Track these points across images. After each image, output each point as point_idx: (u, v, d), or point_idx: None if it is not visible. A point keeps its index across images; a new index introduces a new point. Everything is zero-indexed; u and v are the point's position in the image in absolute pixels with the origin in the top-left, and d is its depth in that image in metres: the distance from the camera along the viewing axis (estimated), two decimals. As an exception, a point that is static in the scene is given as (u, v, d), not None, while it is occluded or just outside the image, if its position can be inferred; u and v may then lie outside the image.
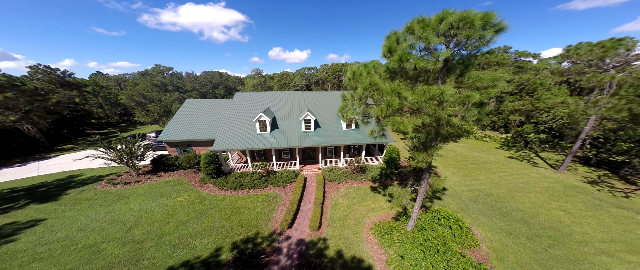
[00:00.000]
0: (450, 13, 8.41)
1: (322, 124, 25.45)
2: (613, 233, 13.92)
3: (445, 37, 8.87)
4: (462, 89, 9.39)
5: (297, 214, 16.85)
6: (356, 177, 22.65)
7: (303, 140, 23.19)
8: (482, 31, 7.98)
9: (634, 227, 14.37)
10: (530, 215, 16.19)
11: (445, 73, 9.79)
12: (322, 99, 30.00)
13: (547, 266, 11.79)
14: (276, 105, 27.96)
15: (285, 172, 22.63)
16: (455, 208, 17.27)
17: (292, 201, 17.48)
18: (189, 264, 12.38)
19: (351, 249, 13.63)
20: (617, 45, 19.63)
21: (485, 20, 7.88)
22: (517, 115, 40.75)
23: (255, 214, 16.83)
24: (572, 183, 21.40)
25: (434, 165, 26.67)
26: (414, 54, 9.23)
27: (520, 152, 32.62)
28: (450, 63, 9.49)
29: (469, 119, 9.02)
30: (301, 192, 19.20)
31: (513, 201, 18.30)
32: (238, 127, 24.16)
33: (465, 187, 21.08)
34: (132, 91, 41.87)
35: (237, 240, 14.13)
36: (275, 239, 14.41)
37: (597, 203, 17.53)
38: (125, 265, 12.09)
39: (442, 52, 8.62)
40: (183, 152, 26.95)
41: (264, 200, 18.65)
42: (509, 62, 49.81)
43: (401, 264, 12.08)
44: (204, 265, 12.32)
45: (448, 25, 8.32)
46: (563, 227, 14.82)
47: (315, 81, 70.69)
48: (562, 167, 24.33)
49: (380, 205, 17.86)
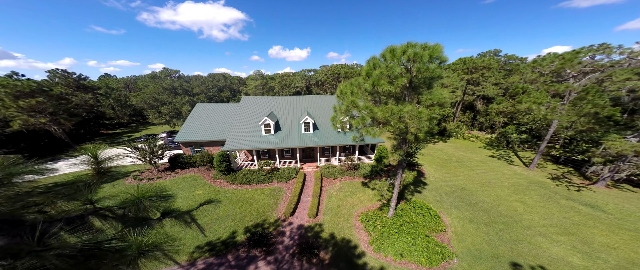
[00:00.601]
0: (412, 45, 11.40)
1: (320, 126, 28.44)
2: (554, 219, 16.97)
3: (406, 68, 11.86)
4: (420, 106, 12.37)
5: (298, 204, 19.93)
6: (350, 173, 25.70)
7: (303, 141, 26.21)
8: (429, 64, 10.96)
9: (573, 215, 17.41)
10: (492, 206, 19.25)
11: (410, 91, 12.75)
12: (320, 103, 32.94)
13: (494, 245, 14.86)
14: (279, 109, 30.94)
15: (287, 169, 25.70)
16: (431, 200, 20.32)
17: (294, 194, 20.56)
18: (212, 244, 15.50)
19: (342, 232, 16.71)
20: (574, 57, 22.48)
21: (430, 55, 10.88)
22: (501, 116, 43.63)
23: (262, 204, 19.92)
24: (537, 179, 24.43)
25: (420, 162, 29.67)
26: (383, 80, 12.22)
27: (501, 151, 35.60)
28: (414, 84, 12.48)
29: (422, 129, 12.01)
30: (301, 187, 22.28)
31: (482, 194, 21.35)
32: (245, 130, 27.19)
33: (444, 182, 24.12)
34: (145, 94, 44.93)
35: (248, 225, 17.24)
36: (280, 225, 17.51)
37: (551, 196, 20.58)
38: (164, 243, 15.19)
39: (400, 79, 11.59)
40: (196, 151, 30.02)
41: (269, 193, 21.75)
42: (496, 66, 52.55)
43: (379, 242, 15.18)
44: (224, 245, 15.43)
45: (407, 57, 11.31)
46: (516, 215, 17.88)
47: (315, 83, 73.57)
48: (532, 165, 27.34)
49: (369, 198, 20.91)
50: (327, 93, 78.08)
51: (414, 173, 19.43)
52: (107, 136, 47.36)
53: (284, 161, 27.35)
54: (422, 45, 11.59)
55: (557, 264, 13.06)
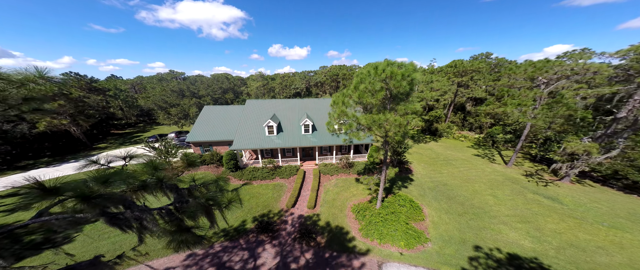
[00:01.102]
0: (391, 63, 14.05)
1: (318, 127, 31.07)
2: (518, 210, 19.69)
3: (385, 83, 14.48)
4: (396, 114, 15.01)
5: (298, 197, 22.64)
6: (345, 171, 28.38)
7: (303, 141, 28.87)
8: (402, 81, 13.59)
9: (534, 206, 20.12)
10: (467, 199, 21.96)
11: (390, 101, 15.38)
12: (318, 105, 35.53)
13: (463, 231, 17.58)
14: (280, 112, 33.56)
15: (288, 167, 28.38)
16: (415, 194, 23.02)
17: (294, 189, 23.26)
18: (226, 230, 18.20)
19: (336, 221, 19.42)
20: (544, 65, 25.06)
21: (403, 74, 13.52)
22: (488, 118, 46.26)
23: (267, 198, 22.63)
24: (512, 175, 27.14)
25: (410, 161, 32.36)
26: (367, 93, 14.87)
27: (486, 150, 38.29)
28: (392, 96, 15.11)
29: (398, 134, 14.65)
30: (301, 182, 24.98)
31: (460, 189, 24.05)
32: (250, 131, 29.83)
33: (429, 178, 26.83)
34: (154, 96, 47.56)
35: (256, 215, 19.94)
36: (283, 215, 20.22)
37: (520, 190, 23.30)
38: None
39: (380, 93, 14.21)
40: (205, 150, 32.71)
41: (273, 188, 24.45)
42: (487, 69, 55.05)
43: (367, 229, 17.90)
44: (236, 231, 18.14)
45: (385, 75, 13.94)
46: (487, 207, 20.59)
47: (315, 84, 76.14)
48: (510, 163, 30.04)
49: (360, 192, 23.60)
50: (327, 93, 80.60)
51: (396, 169, 22.00)
52: (118, 136, 49.99)
53: (286, 159, 30.04)
54: (398, 64, 14.29)
55: (511, 246, 15.79)
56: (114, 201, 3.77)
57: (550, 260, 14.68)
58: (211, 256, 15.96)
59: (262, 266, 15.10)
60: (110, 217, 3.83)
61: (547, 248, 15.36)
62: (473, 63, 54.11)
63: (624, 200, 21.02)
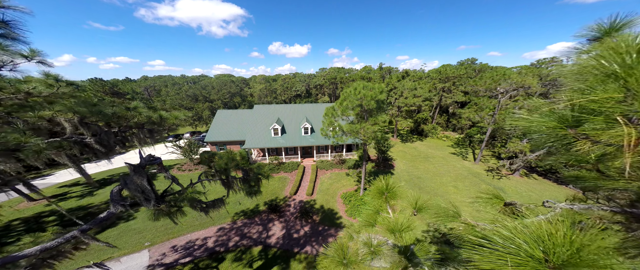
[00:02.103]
0: (365, 85, 19.32)
1: (316, 129, 36.35)
2: (470, 197, 25.09)
3: (360, 100, 19.75)
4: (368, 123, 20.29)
5: (299, 187, 28.03)
6: (338, 166, 33.74)
7: (302, 141, 34.18)
8: (371, 101, 18.87)
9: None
10: (433, 189, 27.32)
11: (367, 114, 20.66)
12: (316, 110, 40.78)
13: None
14: (284, 116, 38.83)
15: (291, 163, 33.75)
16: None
17: (296, 180, 28.64)
18: (244, 211, 23.61)
19: (328, 204, 24.80)
20: (501, 77, 30.16)
21: (371, 96, 18.82)
22: (467, 119, 51.45)
23: (274, 187, 28.03)
24: (476, 171, 32.48)
25: (394, 158, 37.67)
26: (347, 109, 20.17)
27: (462, 149, 43.59)
28: (366, 111, 20.39)
29: (370, 138, 19.91)
30: (301, 175, 30.35)
31: (430, 182, 29.41)
32: (259, 132, 35.16)
33: (407, 173, 32.18)
34: (172, 100, 52.93)
35: (266, 200, 25.34)
36: (287, 200, 25.61)
37: (478, 182, 28.65)
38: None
39: (356, 108, 19.48)
40: (220, 149, 38.10)
41: (278, 180, 29.85)
42: (471, 74, 60.14)
43: (351, 210, 23.33)
44: (252, 212, 23.53)
45: (359, 96, 19.24)
46: (447, 195, 25.96)
47: (314, 86, 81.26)
48: (477, 160, 35.36)
49: (350, 184, 28.95)
50: (325, 95, 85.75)
51: (371, 163, 27.25)
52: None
53: (288, 157, 35.41)
54: (370, 86, 19.53)
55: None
56: (227, 171, 9.07)
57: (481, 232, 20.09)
58: (235, 229, 21.41)
59: (272, 236, 20.52)
60: (223, 182, 9.13)
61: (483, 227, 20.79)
62: (459, 68, 59.20)
63: (553, 190, 26.35)
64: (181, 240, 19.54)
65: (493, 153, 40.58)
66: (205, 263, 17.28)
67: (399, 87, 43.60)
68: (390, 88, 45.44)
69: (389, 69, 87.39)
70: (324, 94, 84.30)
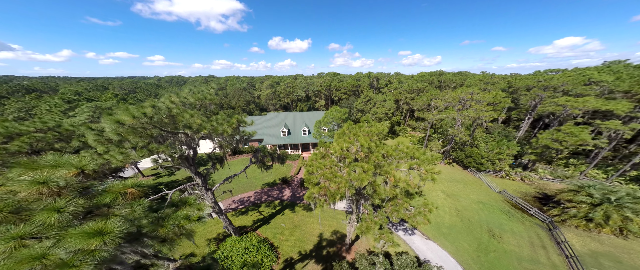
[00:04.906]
0: (337, 109, 33.82)
1: (312, 131, 50.59)
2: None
3: (335, 117, 34.09)
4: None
5: (299, 170, 42.42)
6: (327, 157, 48.17)
7: (302, 140, 48.44)
8: (339, 119, 33.24)
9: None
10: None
11: (337, 125, 35.01)
12: (312, 117, 54.83)
13: (375, 182, 37.52)
14: (289, 121, 52.99)
15: (294, 155, 48.06)
16: (361, 169, 42.89)
17: (297, 166, 42.94)
18: (268, 183, 38.07)
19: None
20: (438, 95, 44.25)
21: (340, 117, 33.24)
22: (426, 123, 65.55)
23: (283, 170, 42.34)
24: (420, 160, 46.84)
25: (367, 152, 52.01)
26: (327, 123, 34.53)
27: (420, 144, 57.93)
28: (338, 124, 34.76)
29: None
30: (301, 164, 44.75)
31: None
32: (272, 133, 49.39)
33: (373, 161, 46.56)
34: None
35: (279, 177, 39.71)
36: (293, 177, 39.94)
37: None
38: (246, 182, 37.92)
39: (332, 123, 33.87)
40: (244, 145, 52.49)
41: (286, 166, 44.22)
42: (436, 84, 74.06)
43: (332, 182, 37.92)
44: (272, 183, 37.99)
45: (334, 115, 33.64)
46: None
47: (313, 92, 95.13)
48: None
49: (333, 168, 43.37)
50: (322, 99, 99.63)
51: None
52: (174, 133, 69.69)
53: (292, 150, 49.76)
54: (338, 110, 33.98)
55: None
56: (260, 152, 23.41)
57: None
58: (262, 192, 35.87)
59: (284, 195, 34.95)
60: (257, 159, 23.38)
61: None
62: (422, 81, 72.92)
63: (456, 172, 40.64)
64: (237, 197, 34.10)
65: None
66: (252, 207, 31.87)
67: (374, 98, 57.71)
68: (368, 99, 59.54)
69: (377, 76, 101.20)
70: (321, 98, 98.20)
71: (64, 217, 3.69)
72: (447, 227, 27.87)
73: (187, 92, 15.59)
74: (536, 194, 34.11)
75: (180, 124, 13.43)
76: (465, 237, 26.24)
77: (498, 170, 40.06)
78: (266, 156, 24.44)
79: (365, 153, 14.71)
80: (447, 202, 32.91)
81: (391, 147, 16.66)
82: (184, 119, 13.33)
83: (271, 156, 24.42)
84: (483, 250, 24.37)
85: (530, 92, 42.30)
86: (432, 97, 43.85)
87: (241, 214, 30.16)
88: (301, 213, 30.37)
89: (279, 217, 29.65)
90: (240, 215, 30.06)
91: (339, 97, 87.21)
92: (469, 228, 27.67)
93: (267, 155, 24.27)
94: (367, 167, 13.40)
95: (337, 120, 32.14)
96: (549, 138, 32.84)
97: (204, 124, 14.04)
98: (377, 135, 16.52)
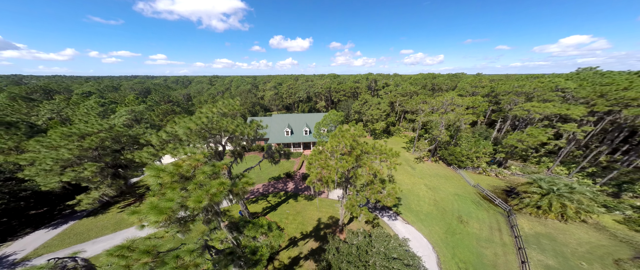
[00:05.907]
0: (335, 113, 39.21)
1: (312, 131, 55.90)
2: (396, 174, 44.66)
3: (331, 120, 39.42)
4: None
5: (301, 166, 47.81)
6: (326, 155, 53.56)
7: (304, 139, 53.77)
8: (335, 121, 38.55)
9: (403, 171, 45.02)
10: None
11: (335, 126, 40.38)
12: (313, 118, 60.11)
13: (367, 177, 42.90)
14: (292, 122, 58.30)
15: (296, 152, 53.43)
16: (356, 165, 48.21)
17: (299, 162, 48.32)
18: (274, 177, 43.53)
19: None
20: (423, 100, 49.38)
21: (336, 119, 38.62)
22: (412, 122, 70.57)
23: (287, 166, 47.69)
24: (408, 158, 51.95)
25: (362, 150, 57.34)
26: (324, 126, 39.87)
27: (410, 144, 63.15)
28: (335, 125, 40.13)
29: None
30: (303, 160, 50.14)
31: (378, 163, 49.08)
32: (277, 133, 54.78)
33: (367, 159, 51.87)
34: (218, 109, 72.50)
35: (284, 172, 45.08)
36: (295, 172, 45.27)
37: (405, 166, 48.22)
38: (256, 175, 43.45)
39: (329, 124, 39.21)
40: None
41: (289, 162, 49.61)
42: (429, 87, 78.91)
43: (329, 176, 43.34)
44: (278, 177, 43.43)
45: (331, 118, 39.00)
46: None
47: (314, 94, 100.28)
48: (413, 151, 54.86)
49: (331, 164, 48.70)
50: (322, 100, 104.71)
51: None
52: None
53: (295, 148, 55.13)
54: (336, 114, 39.34)
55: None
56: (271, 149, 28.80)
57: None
58: (269, 185, 41.27)
59: (289, 187, 40.36)
60: (268, 155, 28.72)
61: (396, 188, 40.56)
62: (412, 87, 77.66)
63: (440, 168, 45.87)
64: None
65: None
66: (261, 197, 37.32)
67: (370, 101, 62.88)
68: (364, 101, 64.71)
69: (375, 77, 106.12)
70: (321, 99, 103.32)
71: (207, 174, 9.12)
72: (424, 215, 33.11)
73: (221, 104, 20.89)
74: (505, 187, 39.32)
75: (222, 129, 18.79)
76: (439, 223, 31.47)
77: (476, 166, 45.24)
78: (275, 153, 29.78)
79: (348, 149, 19.97)
80: (428, 194, 38.18)
81: (370, 145, 21.88)
82: (223, 125, 18.68)
83: (279, 153, 29.77)
84: (451, 232, 29.59)
85: (506, 97, 47.31)
86: (420, 101, 49.05)
87: (252, 203, 35.59)
88: (303, 202, 35.73)
89: (284, 205, 35.01)
90: (251, 203, 35.49)
91: (338, 98, 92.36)
92: (442, 215, 32.91)
93: (275, 152, 29.61)
94: (349, 159, 18.69)
95: (334, 123, 37.49)
96: (515, 138, 37.94)
97: (236, 128, 19.36)
98: (359, 137, 21.63)
